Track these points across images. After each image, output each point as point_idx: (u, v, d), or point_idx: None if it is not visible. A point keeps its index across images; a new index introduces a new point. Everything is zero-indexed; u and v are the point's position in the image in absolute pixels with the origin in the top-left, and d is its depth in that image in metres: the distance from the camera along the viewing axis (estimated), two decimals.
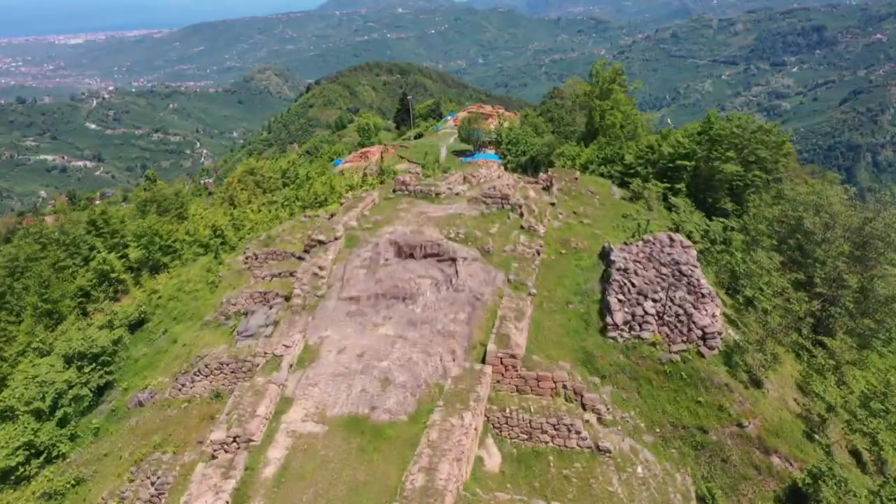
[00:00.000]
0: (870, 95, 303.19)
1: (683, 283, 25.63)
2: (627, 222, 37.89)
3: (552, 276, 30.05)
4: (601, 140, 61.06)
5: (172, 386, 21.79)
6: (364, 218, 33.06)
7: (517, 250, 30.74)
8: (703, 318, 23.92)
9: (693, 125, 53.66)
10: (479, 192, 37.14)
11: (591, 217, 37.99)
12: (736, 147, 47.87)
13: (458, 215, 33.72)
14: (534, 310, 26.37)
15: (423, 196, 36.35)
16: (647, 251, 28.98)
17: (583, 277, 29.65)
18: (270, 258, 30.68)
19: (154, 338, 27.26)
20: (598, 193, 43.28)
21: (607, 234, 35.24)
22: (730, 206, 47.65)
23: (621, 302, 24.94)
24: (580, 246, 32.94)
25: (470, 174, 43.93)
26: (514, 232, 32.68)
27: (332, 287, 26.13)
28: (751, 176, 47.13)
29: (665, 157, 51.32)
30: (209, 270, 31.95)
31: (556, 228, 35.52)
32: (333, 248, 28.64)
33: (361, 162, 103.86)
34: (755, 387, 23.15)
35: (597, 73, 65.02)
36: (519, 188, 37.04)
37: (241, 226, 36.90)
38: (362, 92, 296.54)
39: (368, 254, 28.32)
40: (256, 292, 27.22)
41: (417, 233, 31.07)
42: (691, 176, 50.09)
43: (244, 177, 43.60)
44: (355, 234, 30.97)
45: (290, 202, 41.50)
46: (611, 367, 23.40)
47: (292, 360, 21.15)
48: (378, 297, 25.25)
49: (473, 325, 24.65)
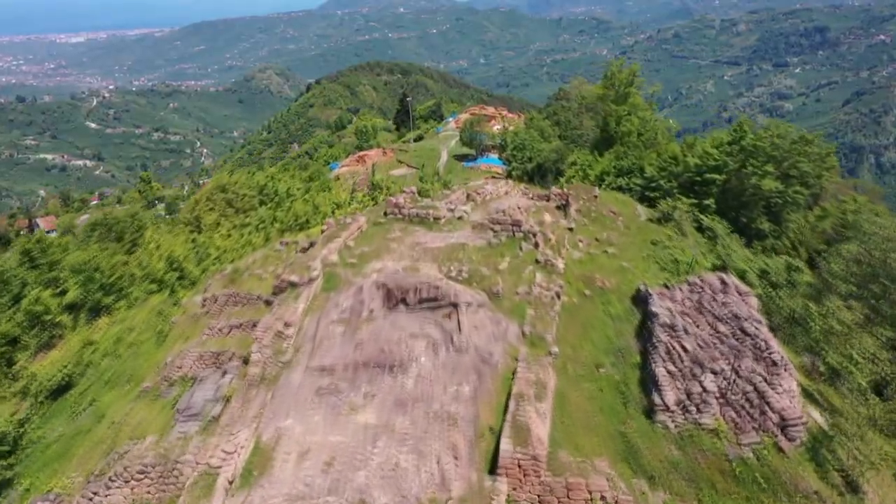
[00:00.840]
0: (873, 96, 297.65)
1: (748, 347, 20.09)
2: (659, 251, 32.35)
3: (576, 326, 24.54)
4: (618, 149, 55.51)
5: (81, 495, 16.36)
6: (348, 250, 27.52)
7: (532, 293, 25.22)
8: (780, 399, 18.36)
9: (722, 134, 48.18)
10: (485, 216, 31.62)
11: (617, 245, 32.46)
12: (775, 160, 42.40)
13: (461, 246, 28.21)
14: (557, 377, 20.87)
15: (420, 221, 30.80)
16: (694, 299, 23.45)
17: (614, 329, 24.15)
18: (232, 302, 25.18)
19: (78, 410, 21.79)
20: (622, 214, 37.74)
21: (637, 267, 29.73)
22: (767, 225, 42.21)
23: (672, 375, 19.39)
24: (607, 285, 27.43)
25: (474, 191, 38.49)
26: (528, 268, 27.17)
27: (301, 351, 20.66)
28: (791, 192, 41.66)
29: (691, 170, 45.85)
30: (160, 314, 26.49)
31: (577, 261, 30.01)
32: (307, 294, 23.13)
33: (359, 166, 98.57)
34: (851, 492, 17.63)
35: (612, 76, 59.36)
36: (532, 212, 31.50)
37: (205, 255, 31.44)
38: (363, 92, 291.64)
39: (349, 302, 22.79)
40: (208, 353, 21.74)
41: (411, 270, 25.57)
42: (720, 191, 44.68)
43: (213, 194, 37.79)
44: (336, 272, 25.46)
45: (265, 225, 35.96)
46: (661, 465, 17.84)
47: (233, 474, 15.66)
48: (358, 366, 19.73)
49: (481, 403, 19.14)
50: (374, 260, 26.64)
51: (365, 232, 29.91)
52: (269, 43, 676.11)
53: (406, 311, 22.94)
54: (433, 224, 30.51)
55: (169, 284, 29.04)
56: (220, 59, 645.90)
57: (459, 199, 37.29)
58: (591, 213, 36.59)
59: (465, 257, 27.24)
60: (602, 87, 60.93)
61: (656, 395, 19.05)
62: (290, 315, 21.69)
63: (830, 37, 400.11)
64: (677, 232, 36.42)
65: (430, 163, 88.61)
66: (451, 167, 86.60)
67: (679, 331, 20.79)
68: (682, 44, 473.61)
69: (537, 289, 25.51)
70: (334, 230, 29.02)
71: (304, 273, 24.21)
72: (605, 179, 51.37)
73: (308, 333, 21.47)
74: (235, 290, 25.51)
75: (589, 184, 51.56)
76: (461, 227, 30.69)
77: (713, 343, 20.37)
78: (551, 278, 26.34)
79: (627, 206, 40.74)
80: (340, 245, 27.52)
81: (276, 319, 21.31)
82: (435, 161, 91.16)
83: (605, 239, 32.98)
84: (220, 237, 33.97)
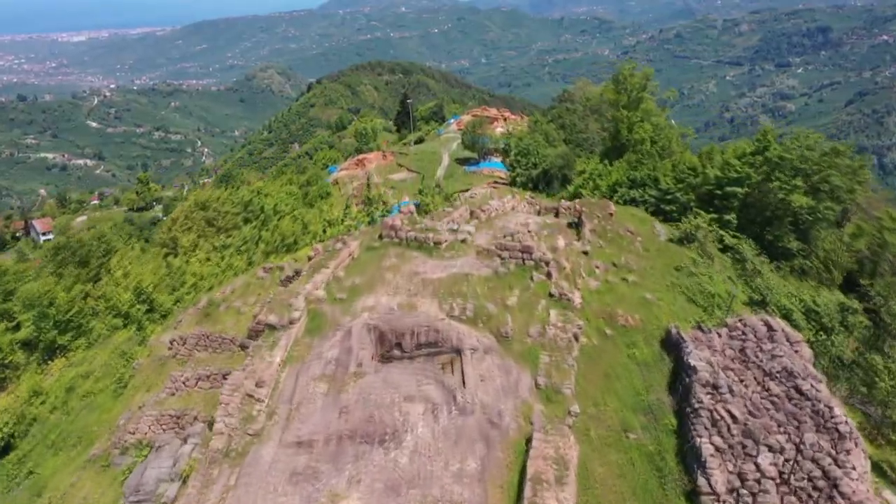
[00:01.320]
0: (875, 97, 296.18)
1: (807, 412, 16.86)
2: (684, 279, 29.09)
3: (598, 374, 21.32)
4: (630, 157, 52.20)
5: None
6: (337, 282, 24.31)
7: (547, 334, 22.01)
8: (851, 483, 15.13)
9: (744, 144, 44.89)
10: (491, 240, 28.36)
11: (637, 272, 29.19)
12: (803, 173, 39.12)
13: (465, 277, 24.98)
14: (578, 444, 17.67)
15: (419, 246, 27.53)
16: (736, 347, 20.20)
17: (642, 380, 20.92)
18: (203, 345, 22.00)
19: (14, 482, 18.59)
20: (640, 234, 34.44)
21: (662, 299, 26.49)
22: (795, 244, 38.94)
23: (720, 452, 16.15)
24: (630, 322, 24.20)
25: (478, 208, 35.25)
26: (541, 303, 23.94)
27: (275, 417, 17.47)
28: (822, 208, 38.39)
29: (711, 182, 42.57)
30: (123, 355, 23.32)
31: (595, 291, 26.78)
32: (286, 341, 19.93)
33: (358, 170, 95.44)
34: None
35: (624, 80, 56.03)
36: (545, 236, 28.22)
37: (179, 283, 28.19)
38: (364, 91, 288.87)
39: (335, 351, 19.57)
40: (167, 415, 18.59)
41: (408, 308, 22.37)
42: (742, 204, 41.43)
43: (192, 213, 34.27)
44: (321, 310, 22.25)
45: (248, 246, 32.63)
46: None
47: None
48: (342, 439, 16.53)
49: (489, 483, 15.95)
50: (366, 294, 23.42)
51: (357, 259, 26.67)
52: (271, 42, 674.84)
53: (400, 361, 19.73)
54: (433, 249, 27.26)
55: (135, 319, 25.85)
56: (222, 59, 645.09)
57: (462, 217, 34.07)
58: (607, 233, 33.32)
59: (470, 290, 24.03)
60: (613, 91, 57.53)
61: (701, 477, 15.80)
62: (265, 370, 18.48)
63: (833, 37, 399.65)
64: (701, 254, 33.17)
65: (431, 166, 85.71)
66: (452, 171, 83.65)
67: (724, 392, 17.55)
68: (684, 44, 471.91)
69: (552, 329, 22.30)
70: (322, 258, 25.78)
71: (284, 313, 21.00)
72: (618, 191, 48.14)
73: (284, 394, 18.28)
74: (207, 331, 22.32)
75: (599, 195, 48.42)
76: (464, 253, 27.44)
77: (765, 408, 17.14)
78: (567, 316, 23.11)
79: (645, 223, 37.46)
80: (328, 276, 24.30)
81: (247, 377, 18.09)
82: (436, 165, 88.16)
83: (624, 264, 29.73)
84: (198, 261, 30.60)
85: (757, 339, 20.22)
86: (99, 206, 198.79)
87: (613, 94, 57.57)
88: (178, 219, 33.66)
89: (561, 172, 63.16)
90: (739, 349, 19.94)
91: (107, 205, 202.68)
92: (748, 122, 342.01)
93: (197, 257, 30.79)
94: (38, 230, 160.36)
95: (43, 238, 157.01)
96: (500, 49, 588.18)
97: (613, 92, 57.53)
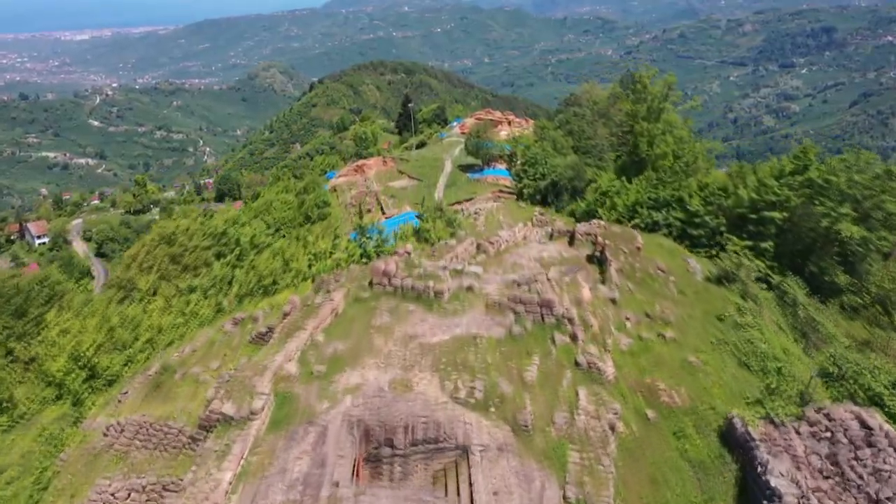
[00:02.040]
0: (880, 98, 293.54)
1: None
2: (730, 334, 24.51)
3: (641, 478, 16.81)
4: (650, 175, 47.48)
5: None
6: (315, 349, 19.81)
7: (576, 424, 17.51)
8: None
9: (782, 162, 40.30)
10: (503, 289, 23.76)
11: (675, 325, 24.63)
12: (852, 199, 34.54)
13: (472, 340, 20.47)
14: None
15: (416, 297, 23.00)
16: (823, 453, 15.65)
17: (698, 489, 16.37)
18: (143, 436, 17.58)
19: None
20: (672, 273, 29.84)
21: (709, 364, 21.96)
22: (843, 278, 34.34)
23: None
24: (676, 400, 19.65)
25: (486, 240, 30.74)
26: (567, 376, 19.42)
27: None
28: (876, 238, 33.81)
29: (744, 205, 37.97)
30: (50, 441, 18.94)
31: (627, 352, 22.28)
32: (241, 447, 15.42)
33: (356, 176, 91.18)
34: None
35: (643, 88, 51.22)
36: (566, 284, 23.65)
37: (132, 338, 23.70)
38: (366, 91, 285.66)
39: (303, 465, 15.05)
40: None
41: (401, 387, 17.88)
42: (778, 230, 36.85)
43: (155, 248, 29.38)
44: (293, 392, 17.77)
45: (218, 289, 27.93)
46: None
47: None
48: None
49: None
50: (350, 367, 18.92)
51: (342, 316, 22.12)
52: (273, 41, 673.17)
53: (391, 474, 15.24)
54: (434, 301, 22.72)
55: (72, 391, 21.38)
56: (224, 58, 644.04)
57: (468, 252, 29.58)
58: (636, 273, 28.75)
59: (478, 360, 19.52)
60: (631, 101, 52.75)
61: None
62: (209, 494, 14.05)
63: (837, 37, 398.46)
64: (743, 297, 28.56)
65: (433, 173, 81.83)
66: (455, 179, 79.62)
67: None
68: (688, 44, 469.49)
69: (582, 416, 17.79)
70: (299, 316, 21.26)
71: (244, 400, 16.54)
72: (638, 212, 43.52)
73: None
74: (148, 420, 17.89)
75: (616, 215, 44.01)
76: (471, 306, 22.88)
77: None
78: (600, 396, 18.59)
79: (675, 257, 32.80)
80: (304, 342, 19.81)
81: None
82: (438, 172, 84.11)
83: (659, 314, 25.16)
84: (157, 309, 26.08)
85: (849, 442, 15.70)
86: (95, 208, 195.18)
87: (631, 105, 52.77)
88: (137, 255, 29.03)
89: (571, 184, 58.74)
90: (830, 456, 15.40)
91: (103, 207, 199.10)
92: (752, 122, 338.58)
93: (156, 304, 26.26)
94: (33, 233, 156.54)
95: (38, 241, 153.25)
96: (502, 49, 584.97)
97: (631, 102, 52.74)
